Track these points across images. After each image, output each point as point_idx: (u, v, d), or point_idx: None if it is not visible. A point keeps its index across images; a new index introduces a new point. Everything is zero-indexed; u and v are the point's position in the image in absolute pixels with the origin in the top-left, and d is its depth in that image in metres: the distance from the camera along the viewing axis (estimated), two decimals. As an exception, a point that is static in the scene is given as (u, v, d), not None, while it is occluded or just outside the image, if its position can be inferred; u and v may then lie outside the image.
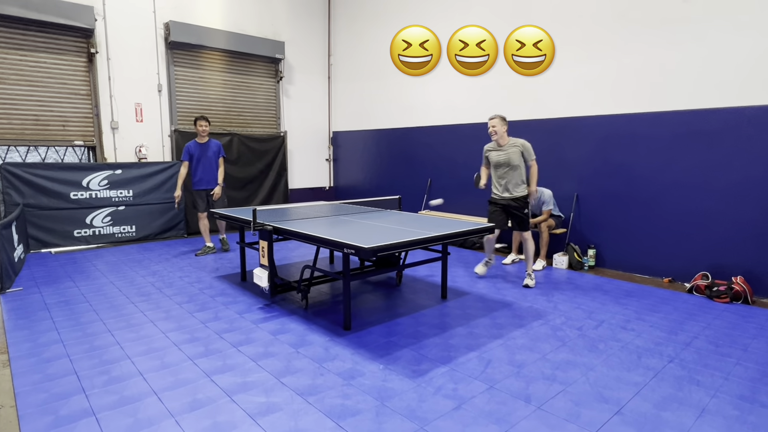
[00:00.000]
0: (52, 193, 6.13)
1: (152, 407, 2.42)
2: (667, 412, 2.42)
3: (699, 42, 4.56)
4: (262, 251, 3.97)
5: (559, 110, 5.70)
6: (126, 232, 6.70)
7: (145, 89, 6.91)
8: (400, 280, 4.80)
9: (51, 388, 2.59)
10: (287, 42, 8.26)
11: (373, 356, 3.05)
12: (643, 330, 3.55)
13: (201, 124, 5.81)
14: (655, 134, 4.91)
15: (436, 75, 7.11)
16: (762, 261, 4.31)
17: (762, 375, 2.84)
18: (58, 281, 4.70)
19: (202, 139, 5.89)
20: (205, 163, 5.91)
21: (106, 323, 3.58)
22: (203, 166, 5.90)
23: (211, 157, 5.95)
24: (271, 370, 2.84)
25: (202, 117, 5.85)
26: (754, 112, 4.28)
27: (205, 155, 5.90)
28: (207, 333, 3.41)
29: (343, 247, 3.17)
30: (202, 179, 5.93)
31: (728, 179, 4.48)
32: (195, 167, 5.91)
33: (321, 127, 9.10)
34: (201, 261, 5.63)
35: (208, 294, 4.34)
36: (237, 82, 7.85)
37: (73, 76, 6.36)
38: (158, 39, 6.94)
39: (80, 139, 6.53)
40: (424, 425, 2.29)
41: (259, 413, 2.37)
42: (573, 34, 5.49)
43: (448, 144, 7.03)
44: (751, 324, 3.69)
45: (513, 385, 2.69)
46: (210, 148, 5.94)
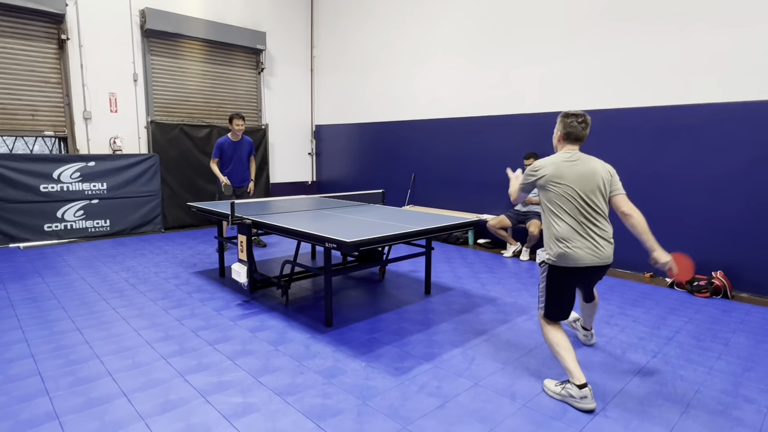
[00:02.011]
0: (21, 185, 5.87)
1: (121, 409, 2.29)
2: (653, 408, 2.39)
3: (682, 38, 4.57)
4: (240, 246, 3.84)
5: (543, 105, 5.68)
6: (100, 227, 6.47)
7: (120, 78, 6.66)
8: (383, 276, 4.72)
9: (11, 391, 2.44)
10: (269, 32, 8.07)
11: (355, 354, 2.97)
12: (627, 325, 3.54)
13: (238, 123, 5.50)
14: (638, 130, 4.92)
15: (421, 68, 7.03)
16: (741, 256, 4.36)
17: (744, 369, 2.84)
18: (25, 277, 4.49)
19: (236, 137, 5.60)
20: (237, 161, 5.65)
21: (75, 321, 3.41)
22: (235, 164, 5.65)
23: (244, 155, 5.71)
24: (248, 369, 2.73)
25: (238, 115, 5.51)
26: (736, 108, 4.31)
27: (237, 153, 5.63)
28: (182, 331, 3.28)
29: (324, 241, 3.07)
30: (233, 177, 5.67)
31: (709, 175, 4.51)
32: (227, 165, 5.63)
33: (303, 121, 8.95)
34: (178, 256, 5.46)
35: (184, 290, 4.20)
36: (216, 73, 7.64)
37: (42, 63, 6.08)
38: (133, 26, 6.69)
39: (51, 129, 6.26)
40: (407, 425, 2.21)
41: (235, 414, 2.27)
42: (557, 28, 5.46)
43: (432, 138, 6.96)
44: (731, 318, 3.72)
45: (498, 382, 2.64)
46: (243, 146, 5.68)
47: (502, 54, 6.00)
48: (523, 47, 5.80)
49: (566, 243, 2.43)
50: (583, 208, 2.45)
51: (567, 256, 2.43)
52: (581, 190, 2.45)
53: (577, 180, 2.46)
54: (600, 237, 2.46)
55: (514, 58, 5.89)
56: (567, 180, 2.46)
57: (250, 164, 5.85)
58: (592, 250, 2.43)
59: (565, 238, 2.43)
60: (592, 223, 2.45)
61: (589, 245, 2.43)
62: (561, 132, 2.60)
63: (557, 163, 2.50)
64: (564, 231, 2.44)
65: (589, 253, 2.42)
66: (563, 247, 2.44)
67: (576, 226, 2.44)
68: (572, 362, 2.41)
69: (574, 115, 2.56)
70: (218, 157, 5.59)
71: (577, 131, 2.55)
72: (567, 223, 2.45)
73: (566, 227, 2.44)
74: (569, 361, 2.41)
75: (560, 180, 2.46)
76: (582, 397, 2.34)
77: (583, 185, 2.46)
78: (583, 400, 2.34)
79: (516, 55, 5.87)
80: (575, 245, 2.42)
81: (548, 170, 2.49)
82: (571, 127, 2.55)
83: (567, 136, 2.57)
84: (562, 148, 2.62)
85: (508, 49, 5.94)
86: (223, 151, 5.57)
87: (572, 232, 2.43)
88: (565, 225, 2.45)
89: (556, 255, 2.46)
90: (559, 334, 2.52)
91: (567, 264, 2.44)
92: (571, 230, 2.43)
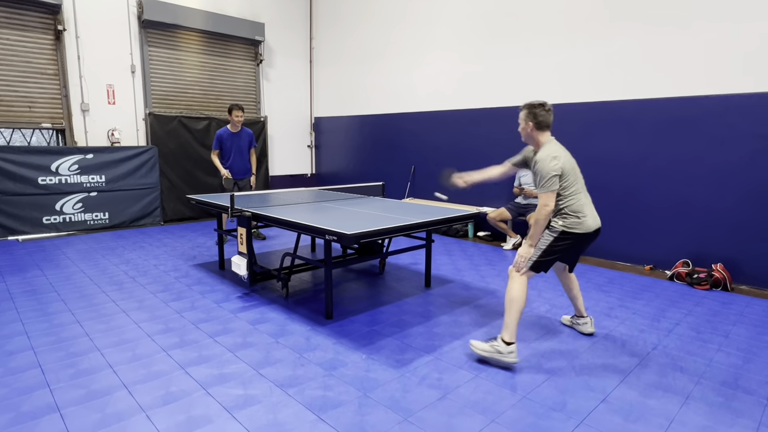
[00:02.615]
0: (19, 178, 5.84)
1: (122, 401, 2.29)
2: (653, 400, 2.40)
3: (682, 29, 4.53)
4: (240, 238, 3.83)
5: (542, 97, 5.64)
6: (98, 219, 6.45)
7: (118, 70, 6.61)
8: (383, 268, 4.71)
9: (12, 383, 2.44)
10: (267, 24, 8.00)
11: (355, 346, 2.97)
12: (627, 317, 3.55)
13: (237, 114, 5.44)
14: (638, 122, 4.90)
15: (421, 60, 6.98)
16: (741, 248, 4.36)
17: (743, 361, 2.85)
18: (24, 270, 4.48)
19: (236, 128, 5.55)
20: (237, 153, 5.61)
21: (75, 314, 3.41)
22: (235, 155, 5.60)
23: (244, 146, 5.65)
24: (249, 361, 2.73)
25: (238, 106, 5.45)
26: (736, 100, 4.28)
27: (237, 144, 5.58)
28: (182, 323, 3.28)
29: (324, 233, 3.06)
30: (233, 169, 5.62)
31: (709, 167, 4.49)
32: (227, 157, 5.59)
33: (303, 113, 8.90)
34: (178, 249, 5.45)
35: (184, 283, 4.19)
36: (215, 65, 7.59)
37: (39, 54, 6.03)
38: (131, 17, 6.62)
39: (48, 121, 6.22)
40: (408, 416, 2.22)
41: (236, 406, 2.27)
42: (557, 20, 5.41)
43: (432, 130, 6.93)
44: (731, 310, 3.73)
45: (498, 374, 2.65)
46: (242, 137, 5.63)
47: (502, 46, 5.96)
48: (523, 39, 5.75)
49: (582, 213, 2.76)
50: (583, 184, 2.85)
51: (583, 224, 2.75)
52: (577, 168, 2.82)
53: (573, 160, 2.80)
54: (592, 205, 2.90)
55: (514, 49, 5.85)
56: (571, 162, 2.77)
57: (251, 156, 5.81)
58: (595, 217, 2.85)
59: (581, 210, 2.76)
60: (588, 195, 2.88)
61: (594, 214, 2.85)
62: (533, 122, 2.77)
63: (560, 151, 2.74)
64: (579, 204, 2.76)
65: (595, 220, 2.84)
66: (581, 216, 2.75)
67: (585, 199, 2.81)
68: (517, 323, 2.73)
69: (540, 105, 2.77)
70: (218, 148, 5.55)
71: (547, 119, 2.77)
72: (581, 197, 2.78)
73: (580, 201, 2.77)
74: (517, 319, 2.72)
75: (569, 163, 2.74)
76: (509, 352, 2.68)
77: (575, 164, 2.81)
78: (510, 354, 2.68)
79: (516, 46, 5.82)
80: (586, 214, 2.77)
81: (563, 159, 2.70)
82: (542, 116, 2.75)
83: (539, 125, 2.76)
84: (539, 137, 2.80)
85: (508, 41, 5.90)
86: (222, 142, 5.53)
87: (585, 205, 2.79)
88: (579, 199, 2.77)
89: (572, 224, 2.75)
90: (525, 291, 2.78)
91: (581, 230, 2.76)
92: (584, 204, 2.78)
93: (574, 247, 2.84)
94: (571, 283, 3.19)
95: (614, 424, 2.18)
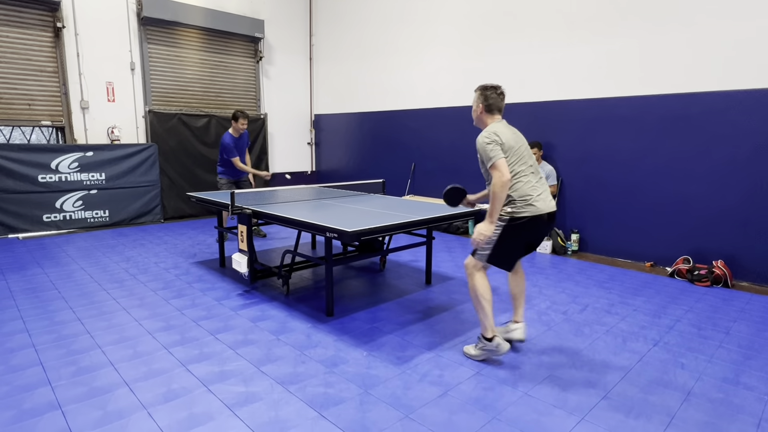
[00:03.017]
0: (19, 175, 5.84)
1: (123, 399, 2.29)
2: (654, 396, 2.40)
3: (684, 26, 4.51)
4: (240, 236, 3.83)
5: (543, 94, 5.63)
6: (99, 217, 6.44)
7: (117, 67, 6.59)
8: (383, 266, 4.71)
9: (13, 381, 2.44)
10: (267, 20, 7.98)
11: (356, 343, 2.97)
12: (627, 314, 3.55)
13: (243, 123, 5.52)
14: (640, 119, 4.89)
15: (421, 56, 6.96)
16: (742, 245, 4.35)
17: (744, 357, 2.85)
18: (25, 268, 4.48)
19: (238, 134, 5.61)
20: (240, 155, 5.70)
21: (76, 311, 3.41)
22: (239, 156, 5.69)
23: (243, 147, 5.77)
24: (250, 359, 2.73)
25: (244, 114, 5.52)
26: (739, 97, 4.27)
27: (239, 148, 5.67)
28: (183, 320, 3.28)
29: (325, 231, 3.05)
30: (232, 171, 5.67)
31: (710, 164, 4.48)
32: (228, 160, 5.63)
33: (303, 110, 8.88)
34: (178, 246, 5.44)
35: (184, 280, 4.19)
36: (215, 62, 7.57)
37: (38, 52, 6.01)
38: (130, 14, 6.60)
39: (48, 119, 6.21)
40: (409, 413, 2.22)
41: (237, 403, 2.27)
42: (559, 17, 5.39)
43: (432, 127, 6.92)
44: (731, 307, 3.73)
45: (499, 370, 2.65)
46: (242, 139, 5.73)
47: (503, 42, 5.94)
48: (524, 35, 5.73)
49: (529, 196, 2.59)
50: (532, 167, 2.67)
51: (532, 208, 2.58)
52: (525, 149, 2.67)
53: (521, 141, 2.68)
54: (545, 189, 2.71)
55: (515, 46, 5.83)
56: (515, 141, 2.63)
57: (246, 155, 5.88)
58: (546, 201, 2.66)
59: (528, 193, 2.59)
60: (540, 177, 2.71)
61: (546, 197, 2.67)
62: (482, 104, 2.71)
63: (501, 128, 2.62)
64: (526, 188, 2.59)
65: (546, 203, 2.65)
66: (529, 200, 2.58)
67: (535, 183, 2.64)
68: (492, 315, 2.66)
69: (492, 88, 2.70)
70: (237, 155, 5.58)
71: (498, 102, 2.70)
72: (528, 180, 2.61)
73: (528, 185, 2.60)
74: (489, 313, 2.64)
75: (512, 140, 2.60)
76: (496, 345, 2.63)
77: (525, 145, 2.69)
78: (499, 347, 2.63)
79: (517, 43, 5.80)
80: (534, 197, 2.59)
81: (502, 134, 2.57)
82: (492, 98, 2.69)
83: (489, 107, 2.70)
84: (488, 119, 2.72)
85: (509, 38, 5.88)
86: (230, 146, 5.56)
87: (533, 188, 2.61)
88: (527, 182, 2.60)
89: (519, 209, 2.58)
90: (488, 283, 2.69)
91: (530, 214, 2.58)
92: (532, 187, 2.61)
93: (528, 233, 2.64)
94: (518, 278, 2.92)
95: (616, 421, 2.18)
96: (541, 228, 2.70)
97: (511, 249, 2.67)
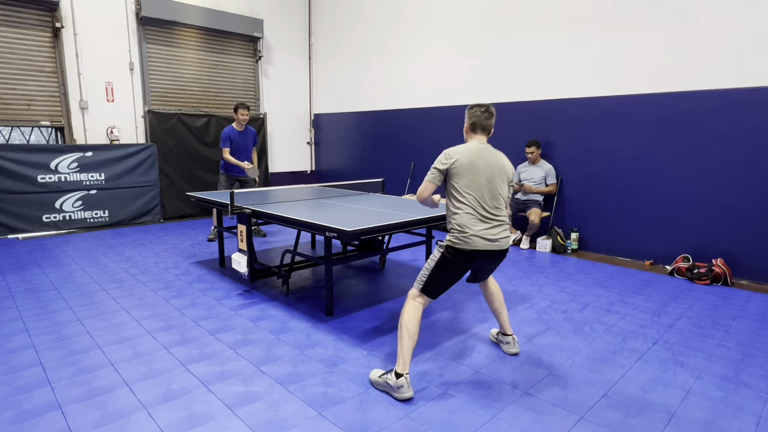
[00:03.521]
0: (18, 176, 5.83)
1: (123, 399, 2.29)
2: (653, 394, 2.40)
3: (684, 24, 4.51)
4: (240, 235, 3.83)
5: (543, 93, 5.63)
6: (98, 217, 6.44)
7: (116, 67, 6.59)
8: (383, 265, 4.71)
9: (13, 381, 2.44)
10: (266, 20, 7.97)
11: (356, 342, 2.97)
12: (627, 312, 3.55)
13: (243, 113, 5.50)
14: (639, 117, 4.89)
15: (420, 55, 6.96)
16: (741, 243, 4.36)
17: (744, 356, 2.85)
18: (24, 268, 4.48)
19: (241, 127, 5.60)
20: (244, 151, 5.67)
21: (76, 311, 3.41)
22: (241, 154, 5.66)
23: (249, 145, 5.73)
24: (250, 358, 2.73)
25: (244, 105, 5.51)
26: (738, 95, 4.27)
27: (243, 143, 5.64)
28: (183, 320, 3.28)
29: (324, 230, 3.05)
30: (236, 167, 5.65)
31: (710, 162, 4.48)
32: (233, 155, 5.61)
33: (302, 109, 8.88)
34: (178, 246, 5.44)
35: (184, 280, 4.19)
36: (214, 61, 7.56)
37: (37, 52, 6.01)
38: (129, 14, 6.60)
39: (47, 119, 6.21)
40: (409, 412, 2.22)
41: (237, 403, 2.27)
42: (558, 15, 5.39)
43: (432, 126, 6.91)
44: (731, 305, 3.73)
45: (499, 369, 2.65)
46: (248, 135, 5.71)
47: (503, 41, 5.93)
48: (523, 34, 5.73)
49: (468, 227, 2.38)
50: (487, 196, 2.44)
51: (467, 241, 2.38)
52: (487, 181, 2.44)
53: (489, 170, 2.45)
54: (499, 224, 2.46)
55: (514, 44, 5.82)
56: (478, 171, 2.42)
57: (253, 155, 5.86)
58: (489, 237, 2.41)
59: (466, 224, 2.39)
60: (495, 209, 2.45)
61: (491, 233, 2.41)
62: (468, 123, 2.62)
63: (464, 150, 2.47)
64: (466, 219, 2.40)
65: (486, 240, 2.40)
66: (467, 231, 2.38)
67: (480, 215, 2.41)
68: (410, 352, 2.36)
69: (478, 106, 2.58)
70: (228, 146, 5.57)
71: (481, 120, 2.56)
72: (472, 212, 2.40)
73: (470, 216, 2.40)
74: (409, 348, 2.35)
75: (469, 164, 2.42)
76: (399, 386, 2.30)
77: (493, 176, 2.46)
78: (400, 389, 2.30)
79: (516, 41, 5.80)
80: (473, 230, 2.38)
81: (458, 156, 2.43)
82: (476, 116, 2.56)
83: (473, 126, 2.58)
84: (468, 137, 2.62)
85: (509, 36, 5.87)
86: (231, 140, 5.56)
87: (475, 220, 2.40)
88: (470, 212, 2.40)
89: (456, 239, 2.40)
90: (418, 317, 2.41)
91: (466, 248, 2.38)
92: (474, 218, 2.40)
93: (466, 266, 2.46)
94: (491, 296, 2.83)
95: (615, 419, 2.18)
96: (481, 264, 2.53)
97: (443, 278, 2.44)
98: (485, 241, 2.39)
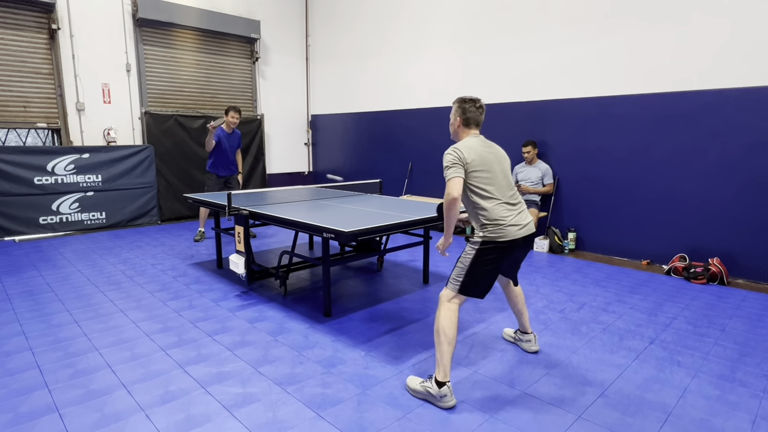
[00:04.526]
0: (15, 178, 5.82)
1: (121, 401, 2.29)
2: (650, 394, 2.41)
3: (679, 24, 4.53)
4: (238, 237, 3.83)
5: (539, 93, 5.65)
6: (95, 219, 6.43)
7: (113, 69, 6.58)
8: (381, 266, 4.72)
9: (10, 384, 2.43)
10: (263, 21, 7.97)
11: (354, 343, 2.98)
12: (624, 312, 3.56)
13: (234, 116, 5.57)
14: (635, 117, 4.91)
15: (417, 56, 6.97)
16: (737, 242, 4.38)
17: (740, 354, 2.87)
18: (21, 270, 4.46)
19: (230, 129, 5.66)
20: (229, 152, 5.73)
21: (73, 314, 3.40)
22: (224, 154, 5.70)
23: (234, 146, 5.79)
24: (248, 360, 2.73)
25: (235, 108, 5.58)
26: (732, 94, 4.29)
27: (229, 144, 5.70)
28: (180, 322, 3.28)
29: (322, 231, 3.06)
30: (219, 165, 5.71)
31: (706, 162, 4.51)
32: (217, 152, 5.66)
33: (299, 110, 8.88)
34: (175, 248, 5.43)
35: (182, 282, 4.19)
36: (211, 63, 7.55)
37: (33, 53, 5.99)
38: (125, 15, 6.59)
39: (43, 121, 6.19)
40: (407, 413, 2.22)
41: (235, 405, 2.27)
42: (555, 15, 5.40)
43: (429, 127, 6.92)
44: (727, 304, 3.74)
45: (496, 369, 2.65)
46: (234, 138, 5.77)
47: (499, 41, 5.95)
48: (520, 34, 5.74)
49: (501, 219, 2.37)
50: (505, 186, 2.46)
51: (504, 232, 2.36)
52: (501, 171, 2.46)
53: (498, 161, 2.47)
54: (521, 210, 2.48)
55: (511, 45, 5.84)
56: (488, 163, 2.42)
57: (237, 156, 5.91)
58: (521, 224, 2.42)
59: (499, 216, 2.37)
60: (513, 198, 2.47)
61: (520, 220, 2.42)
62: (460, 118, 2.53)
63: (472, 143, 2.44)
64: (498, 210, 2.38)
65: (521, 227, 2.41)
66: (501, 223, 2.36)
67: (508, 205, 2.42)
68: (450, 358, 2.31)
69: (471, 101, 2.52)
70: (217, 140, 5.60)
71: (476, 116, 2.51)
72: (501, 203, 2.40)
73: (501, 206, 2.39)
74: (448, 353, 2.31)
75: (481, 158, 2.40)
76: (442, 395, 2.26)
77: (502, 166, 2.48)
78: (443, 398, 2.26)
79: (513, 42, 5.81)
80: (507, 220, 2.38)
81: (468, 150, 2.38)
82: (470, 112, 2.50)
83: (467, 121, 2.52)
84: (463, 133, 2.55)
85: (506, 37, 5.89)
86: (219, 139, 5.60)
87: (506, 209, 2.40)
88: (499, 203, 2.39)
89: (491, 232, 2.37)
90: (455, 321, 2.36)
91: (504, 238, 2.36)
92: (506, 208, 2.40)
93: (503, 259, 2.43)
94: (515, 297, 2.87)
95: (612, 419, 2.19)
96: (516, 253, 2.51)
97: (483, 275, 2.39)
98: (517, 228, 2.40)
